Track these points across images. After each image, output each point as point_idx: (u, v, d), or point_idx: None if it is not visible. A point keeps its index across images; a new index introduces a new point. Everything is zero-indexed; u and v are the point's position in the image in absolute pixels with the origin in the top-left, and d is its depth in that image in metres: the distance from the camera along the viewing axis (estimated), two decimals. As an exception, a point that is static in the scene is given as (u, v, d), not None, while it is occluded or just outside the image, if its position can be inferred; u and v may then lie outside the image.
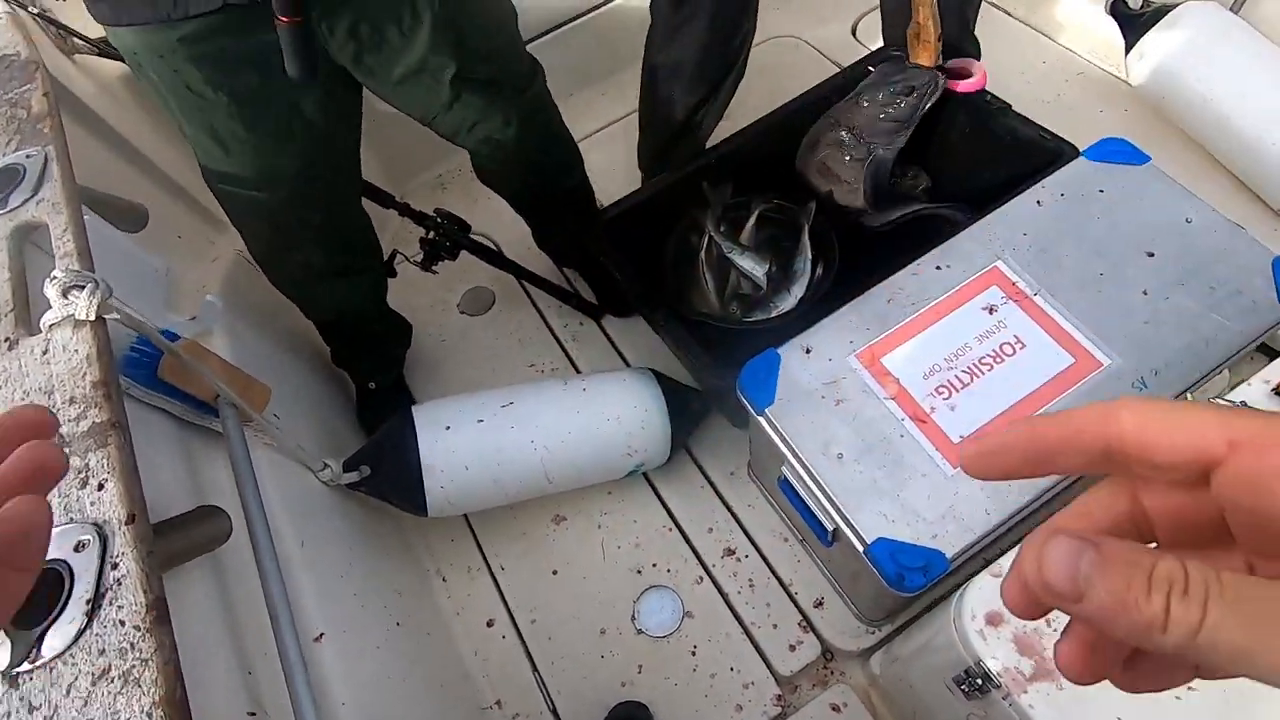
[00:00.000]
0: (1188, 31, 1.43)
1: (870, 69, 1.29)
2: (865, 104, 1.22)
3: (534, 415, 1.13)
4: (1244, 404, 0.82)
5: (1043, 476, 0.23)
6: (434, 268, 1.39)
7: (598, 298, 1.54)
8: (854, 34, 1.93)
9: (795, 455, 0.96)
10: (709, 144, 1.43)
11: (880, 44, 1.42)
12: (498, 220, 1.55)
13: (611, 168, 1.65)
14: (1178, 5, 1.44)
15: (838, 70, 1.43)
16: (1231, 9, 1.44)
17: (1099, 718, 0.68)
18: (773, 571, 1.21)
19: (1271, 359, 0.98)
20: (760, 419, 0.99)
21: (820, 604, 1.17)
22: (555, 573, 1.26)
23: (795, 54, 1.91)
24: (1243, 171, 1.42)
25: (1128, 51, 1.51)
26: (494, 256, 1.44)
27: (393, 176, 1.70)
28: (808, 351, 1.02)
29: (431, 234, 1.36)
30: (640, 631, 1.19)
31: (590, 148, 1.40)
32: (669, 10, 1.24)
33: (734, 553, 1.23)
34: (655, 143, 1.43)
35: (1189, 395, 0.84)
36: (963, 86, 1.19)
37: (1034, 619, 0.21)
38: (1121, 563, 0.18)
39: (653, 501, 1.30)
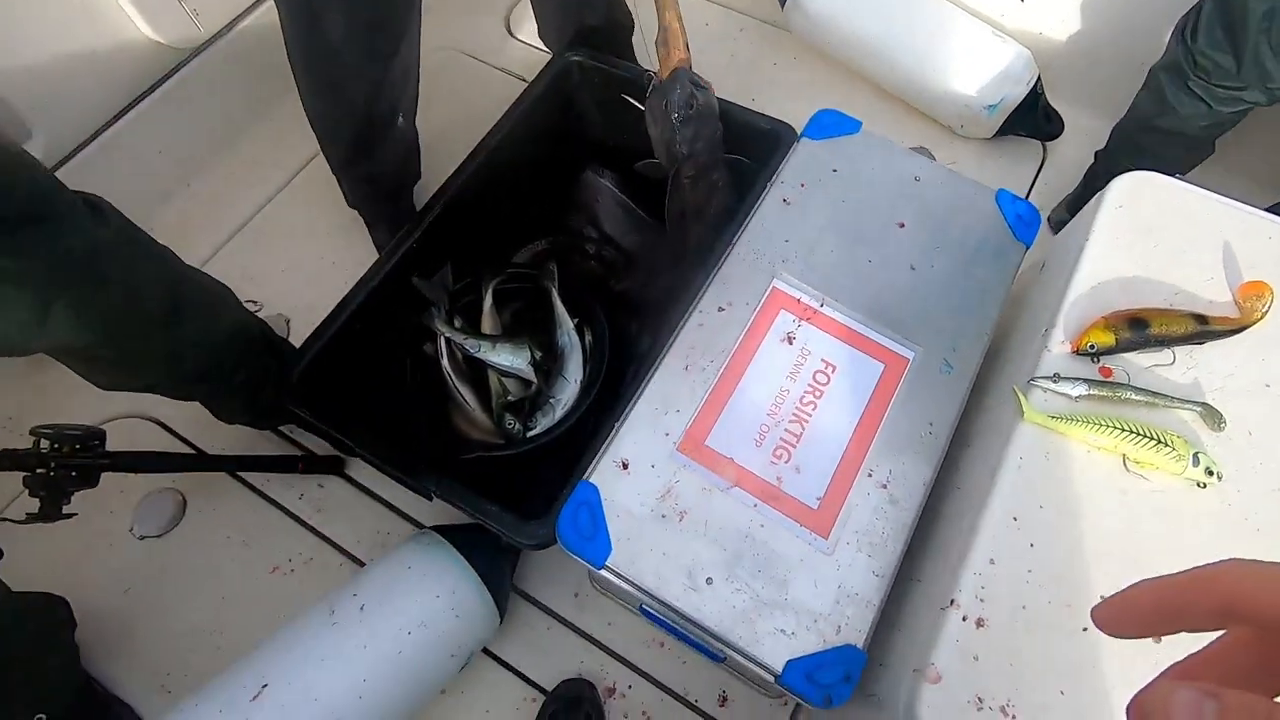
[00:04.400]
0: (828, -26, 1.44)
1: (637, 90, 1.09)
2: (684, 142, 1.04)
3: (305, 687, 0.80)
4: (1058, 375, 0.80)
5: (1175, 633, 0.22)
6: (65, 510, 0.94)
7: (331, 443, 1.19)
8: (509, 29, 1.71)
9: (660, 601, 0.77)
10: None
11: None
12: (148, 399, 1.11)
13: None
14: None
15: (521, 81, 1.22)
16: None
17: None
18: (665, 689, 1.04)
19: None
20: (604, 573, 0.79)
21: (724, 699, 1.03)
22: (414, 827, 0.96)
23: (456, 68, 1.64)
24: (913, 99, 1.49)
25: (783, 3, 1.49)
26: (163, 461, 1.02)
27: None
28: (625, 467, 0.82)
29: (40, 469, 0.91)
30: (547, 842, 0.96)
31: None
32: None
33: (615, 690, 1.03)
34: (348, 140, 1.13)
35: (1017, 392, 0.80)
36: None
37: None
38: (1242, 712, 0.18)
39: (501, 676, 1.04)
